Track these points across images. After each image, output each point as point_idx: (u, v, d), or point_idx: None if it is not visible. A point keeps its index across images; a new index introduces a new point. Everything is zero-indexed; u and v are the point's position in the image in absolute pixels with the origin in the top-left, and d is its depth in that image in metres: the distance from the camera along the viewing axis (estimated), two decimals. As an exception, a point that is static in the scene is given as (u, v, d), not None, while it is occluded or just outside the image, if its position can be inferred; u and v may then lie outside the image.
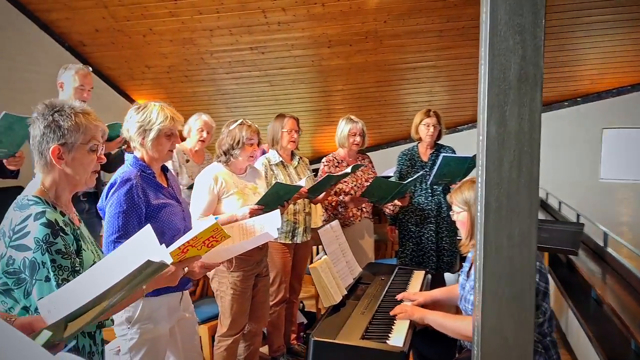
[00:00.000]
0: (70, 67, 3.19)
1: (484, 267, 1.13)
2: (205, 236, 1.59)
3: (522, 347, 1.18)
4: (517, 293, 1.17)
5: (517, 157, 1.13)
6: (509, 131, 1.12)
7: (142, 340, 2.01)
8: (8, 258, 1.40)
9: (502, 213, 1.14)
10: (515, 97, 1.11)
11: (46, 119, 1.48)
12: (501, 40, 1.09)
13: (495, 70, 1.11)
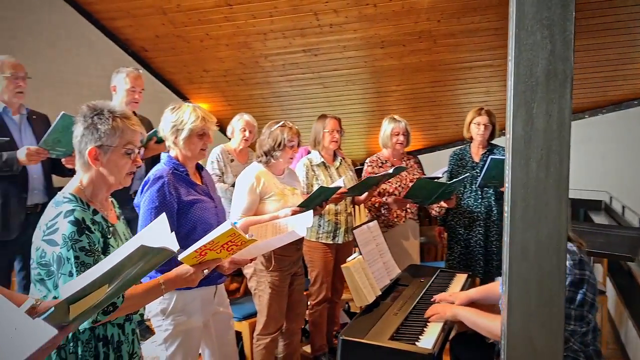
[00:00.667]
0: (121, 70, 3.35)
1: (510, 270, 1.10)
2: (222, 240, 1.63)
3: (551, 356, 1.14)
4: (546, 299, 1.13)
5: (544, 156, 1.09)
6: (536, 129, 1.09)
7: (176, 332, 2.10)
8: (41, 251, 1.50)
9: (528, 214, 1.11)
10: (543, 94, 1.07)
11: (86, 120, 1.58)
12: (528, 35, 1.06)
13: (521, 66, 1.07)
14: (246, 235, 1.68)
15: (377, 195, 3.61)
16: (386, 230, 3.63)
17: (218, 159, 3.82)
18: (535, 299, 1.12)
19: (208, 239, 1.62)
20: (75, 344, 1.52)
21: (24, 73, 2.85)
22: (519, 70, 1.07)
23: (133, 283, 1.28)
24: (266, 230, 2.39)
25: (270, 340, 2.90)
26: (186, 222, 2.06)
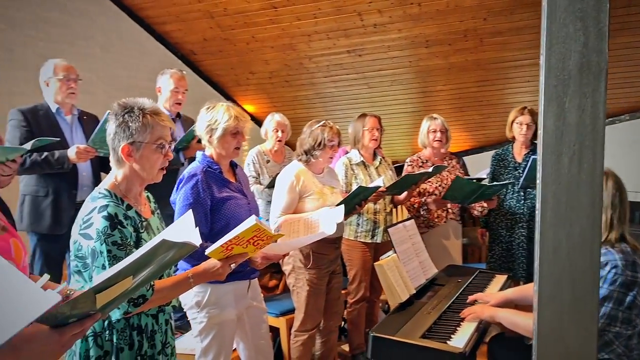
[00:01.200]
0: (166, 71, 3.46)
1: (541, 268, 1.08)
2: (247, 236, 1.66)
3: (585, 357, 1.11)
4: (579, 299, 1.10)
5: (577, 151, 1.07)
6: (568, 124, 1.07)
7: (210, 324, 2.15)
8: (78, 244, 1.58)
9: (560, 210, 1.08)
10: (576, 87, 1.05)
11: (118, 118, 1.63)
12: (560, 27, 1.04)
13: (553, 59, 1.05)
14: (272, 230, 1.71)
15: (417, 195, 3.58)
16: (427, 231, 3.60)
17: (254, 161, 3.88)
18: (567, 299, 1.09)
19: (233, 234, 1.65)
20: (110, 332, 1.59)
21: (75, 75, 3.00)
22: (550, 63, 1.05)
23: (158, 275, 1.32)
24: (298, 226, 2.42)
25: (308, 337, 2.93)
26: (220, 218, 2.11)
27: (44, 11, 5.29)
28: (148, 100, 1.68)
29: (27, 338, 1.05)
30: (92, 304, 1.07)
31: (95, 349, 1.58)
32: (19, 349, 1.04)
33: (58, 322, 1.06)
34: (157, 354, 1.70)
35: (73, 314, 1.07)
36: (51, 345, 1.05)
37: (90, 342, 1.58)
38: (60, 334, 1.06)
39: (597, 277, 1.12)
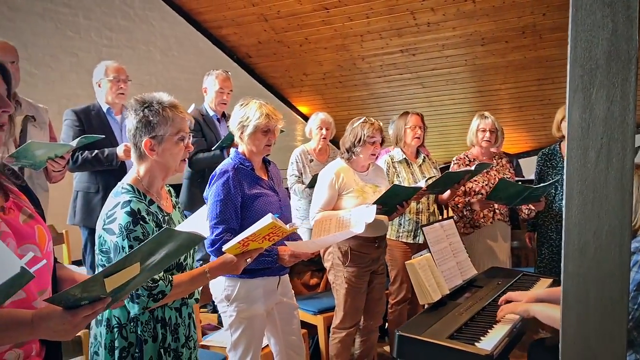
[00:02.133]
0: (211, 73, 3.56)
1: (566, 269, 1.03)
2: (264, 233, 1.69)
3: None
4: (606, 301, 1.05)
5: (605, 145, 1.01)
6: (595, 116, 1.01)
7: (239, 318, 2.19)
8: (102, 239, 1.61)
9: (586, 208, 1.03)
10: (604, 77, 1.00)
11: (138, 114, 1.64)
12: (586, 14, 0.99)
13: (579, 48, 1.00)
14: (286, 225, 1.72)
15: (462, 194, 3.48)
16: (472, 231, 3.49)
17: (297, 160, 3.91)
18: (593, 301, 1.03)
19: (251, 231, 1.68)
20: (135, 324, 1.63)
21: (125, 76, 3.14)
22: (576, 53, 0.99)
23: (168, 264, 1.35)
24: (330, 225, 2.41)
25: (346, 334, 2.92)
26: (250, 214, 2.14)
27: (108, 18, 5.58)
28: (165, 94, 1.70)
29: (43, 316, 1.11)
30: (101, 287, 1.12)
31: (120, 340, 1.62)
32: (35, 326, 1.10)
33: (70, 304, 1.12)
34: (181, 347, 1.73)
35: (84, 296, 1.12)
36: (64, 324, 1.11)
37: (116, 333, 1.62)
38: (72, 315, 1.11)
39: (626, 278, 1.05)
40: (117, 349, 1.62)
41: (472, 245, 3.54)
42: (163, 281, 1.59)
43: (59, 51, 5.15)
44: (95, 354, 1.67)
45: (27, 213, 1.28)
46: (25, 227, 1.23)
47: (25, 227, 1.23)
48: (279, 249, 2.13)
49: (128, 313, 1.63)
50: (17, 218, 1.23)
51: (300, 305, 3.17)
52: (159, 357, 1.65)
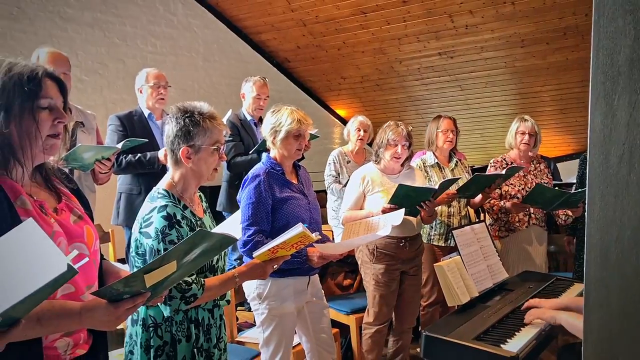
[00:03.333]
0: (249, 79, 3.68)
1: (588, 273, 1.05)
2: (293, 241, 1.77)
3: None
4: (629, 306, 1.06)
5: (627, 150, 1.03)
6: (617, 122, 1.02)
7: (270, 316, 2.28)
8: (137, 242, 1.70)
9: (608, 213, 1.05)
10: (626, 84, 1.02)
11: (178, 122, 1.72)
12: (608, 22, 1.01)
13: (601, 55, 1.03)
14: (313, 234, 1.79)
15: (498, 197, 3.48)
16: (507, 235, 3.48)
17: (335, 161, 3.99)
18: (615, 306, 1.03)
19: (281, 239, 1.75)
20: (170, 324, 1.71)
21: (165, 82, 3.28)
22: (598, 59, 1.02)
23: (202, 264, 1.44)
24: (359, 227, 2.47)
25: (376, 331, 2.96)
26: (280, 217, 2.23)
27: (153, 26, 5.81)
28: (205, 104, 1.78)
29: (89, 308, 1.22)
30: (141, 283, 1.22)
31: (155, 339, 1.69)
32: (83, 316, 1.21)
33: (114, 298, 1.22)
34: (213, 347, 1.81)
35: (126, 291, 1.22)
36: (108, 316, 1.22)
37: (151, 332, 1.70)
38: (115, 307, 1.21)
39: None
40: (153, 348, 1.69)
41: (507, 249, 3.53)
42: (196, 285, 1.66)
43: (107, 58, 5.40)
44: (130, 352, 1.75)
45: (77, 214, 1.39)
46: (75, 227, 1.34)
47: (75, 227, 1.34)
48: (308, 250, 2.21)
49: (163, 312, 1.70)
50: (68, 219, 1.33)
51: (334, 305, 3.25)
52: (192, 357, 1.72)
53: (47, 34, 4.87)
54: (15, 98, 1.20)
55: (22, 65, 1.24)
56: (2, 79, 1.20)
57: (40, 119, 1.23)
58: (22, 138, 1.22)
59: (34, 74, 1.23)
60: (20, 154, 1.22)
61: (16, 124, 1.21)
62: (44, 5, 4.85)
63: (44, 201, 1.30)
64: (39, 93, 1.23)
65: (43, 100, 1.24)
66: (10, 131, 1.20)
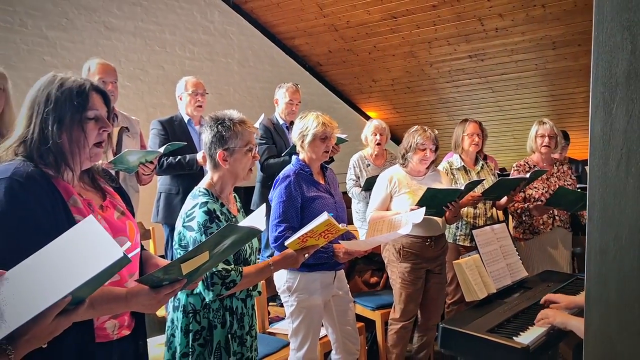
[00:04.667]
0: (282, 85, 3.86)
1: (588, 270, 1.14)
2: (320, 229, 1.92)
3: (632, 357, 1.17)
4: (627, 300, 1.15)
5: (625, 155, 1.12)
6: (615, 129, 1.12)
7: (299, 308, 2.44)
8: (181, 235, 1.89)
9: (607, 213, 1.15)
10: (623, 94, 1.12)
11: (212, 129, 1.91)
12: (607, 37, 1.12)
13: (600, 67, 1.14)
14: (340, 225, 1.95)
15: (522, 200, 3.56)
16: (531, 237, 3.56)
17: (355, 165, 4.12)
18: (614, 301, 1.12)
19: (308, 228, 1.92)
20: (207, 311, 1.89)
21: (202, 90, 3.49)
22: (597, 71, 1.13)
23: (231, 253, 1.61)
24: (382, 225, 2.61)
25: (401, 327, 3.10)
26: (309, 214, 2.39)
27: (191, 33, 6.07)
28: (235, 111, 1.97)
29: (134, 293, 1.40)
30: (179, 271, 1.40)
31: (194, 324, 1.86)
32: (128, 300, 1.39)
33: (155, 284, 1.40)
34: (245, 334, 1.98)
35: (165, 278, 1.40)
36: (150, 300, 1.39)
37: (190, 318, 1.89)
38: (156, 293, 1.39)
39: None
40: (192, 332, 1.87)
41: (531, 251, 3.60)
42: (234, 272, 1.84)
43: (148, 65, 5.68)
44: (172, 335, 1.93)
45: (120, 210, 1.57)
46: (118, 222, 1.52)
47: (118, 223, 1.52)
48: (334, 246, 2.37)
49: (202, 300, 1.88)
50: (112, 215, 1.51)
51: (360, 301, 3.40)
52: (227, 342, 1.90)
53: (93, 42, 5.18)
54: (66, 111, 1.36)
55: (72, 81, 1.40)
56: (55, 93, 1.37)
57: (88, 129, 1.40)
58: (72, 146, 1.38)
59: (82, 89, 1.40)
60: (70, 160, 1.39)
61: (67, 134, 1.37)
62: (91, 16, 5.15)
63: (91, 200, 1.47)
64: (87, 105, 1.39)
65: (90, 112, 1.40)
66: (62, 140, 1.37)
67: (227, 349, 1.89)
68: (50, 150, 1.36)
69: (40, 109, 1.36)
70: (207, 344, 1.88)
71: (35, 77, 3.53)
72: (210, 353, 1.86)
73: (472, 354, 2.15)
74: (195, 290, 1.87)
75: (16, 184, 1.27)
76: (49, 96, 1.36)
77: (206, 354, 1.86)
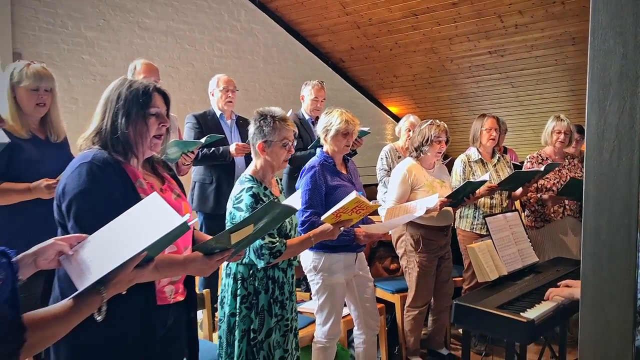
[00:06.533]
0: (308, 83, 4.08)
1: (584, 248, 1.30)
2: (350, 206, 2.19)
3: (623, 325, 1.34)
4: (617, 274, 1.33)
5: (616, 147, 1.30)
6: (609, 123, 1.30)
7: (324, 286, 2.67)
8: (232, 214, 2.19)
9: (601, 198, 1.33)
10: (616, 92, 1.29)
11: (256, 123, 2.22)
12: (602, 42, 1.29)
13: (595, 68, 1.31)
14: (370, 202, 2.22)
15: (534, 190, 3.73)
16: (543, 225, 3.73)
17: (386, 156, 4.32)
18: (606, 275, 1.29)
19: (340, 205, 2.20)
20: (253, 279, 2.19)
21: (233, 87, 3.73)
22: (593, 72, 1.30)
23: (272, 228, 1.88)
24: (398, 210, 2.83)
25: (418, 312, 3.31)
26: (332, 201, 2.60)
27: (219, 32, 6.33)
28: (278, 109, 2.26)
29: (190, 259, 1.63)
30: (228, 241, 1.63)
31: (242, 289, 2.18)
32: (186, 265, 1.63)
33: (208, 252, 1.63)
34: (285, 299, 2.27)
35: (217, 246, 1.63)
36: (203, 265, 1.63)
37: (239, 284, 2.19)
38: (209, 259, 1.63)
39: (632, 257, 1.31)
40: (239, 296, 2.18)
41: (543, 238, 3.77)
42: (279, 243, 2.15)
43: (178, 63, 5.96)
44: (224, 297, 2.25)
45: (177, 193, 1.82)
46: (175, 202, 1.77)
47: (175, 203, 1.77)
48: (355, 230, 2.60)
49: (249, 269, 2.19)
50: (170, 196, 1.76)
51: (380, 285, 3.61)
52: (269, 306, 2.20)
53: (128, 42, 5.47)
54: (133, 107, 1.63)
55: (139, 83, 1.67)
56: (125, 92, 1.63)
57: (150, 123, 1.66)
58: (137, 137, 1.64)
59: (147, 89, 1.66)
60: (135, 149, 1.65)
61: (133, 126, 1.63)
62: (126, 17, 5.44)
63: (152, 183, 1.73)
64: (150, 103, 1.65)
65: (152, 109, 1.66)
66: (129, 131, 1.63)
67: (269, 311, 2.19)
68: (119, 139, 1.62)
69: (112, 105, 1.62)
70: (253, 307, 2.18)
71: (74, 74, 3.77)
72: (256, 315, 2.17)
73: (483, 327, 2.36)
74: (243, 260, 2.17)
75: (95, 167, 1.54)
76: (120, 95, 1.62)
77: (252, 315, 2.17)
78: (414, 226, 3.26)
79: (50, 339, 1.12)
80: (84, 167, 1.54)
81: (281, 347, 2.22)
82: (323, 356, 2.70)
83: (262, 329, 2.17)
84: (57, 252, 1.31)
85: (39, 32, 4.83)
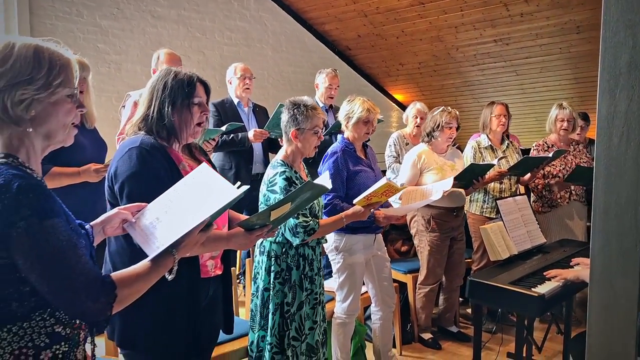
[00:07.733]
0: (322, 71, 4.20)
1: (594, 226, 1.29)
2: (381, 190, 2.37)
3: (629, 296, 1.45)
4: (624, 251, 1.40)
5: (625, 133, 1.40)
6: (618, 111, 1.39)
7: (344, 265, 2.82)
8: (267, 197, 2.32)
9: (610, 179, 1.44)
10: (625, 82, 1.38)
11: (290, 111, 2.37)
12: (613, 34, 1.39)
13: (606, 59, 1.41)
14: (397, 184, 2.41)
15: (541, 176, 3.87)
16: (549, 210, 3.88)
17: (395, 143, 4.45)
18: (615, 251, 1.38)
19: (372, 189, 2.37)
20: (286, 256, 2.35)
21: (250, 74, 3.85)
22: (604, 63, 1.40)
23: (306, 205, 2.03)
24: (415, 194, 2.97)
25: (430, 290, 3.47)
26: (353, 186, 2.76)
27: (229, 20, 6.42)
28: (309, 97, 2.42)
29: (232, 234, 1.77)
30: (267, 217, 1.77)
31: (275, 265, 2.34)
32: (228, 239, 1.76)
33: (248, 227, 1.77)
34: (315, 275, 2.44)
35: (257, 222, 1.77)
36: (244, 240, 1.76)
37: (272, 260, 2.35)
38: (250, 234, 1.77)
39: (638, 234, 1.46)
40: (273, 272, 2.34)
41: (549, 222, 3.92)
42: (312, 222, 2.30)
43: (189, 51, 6.05)
44: (257, 274, 2.41)
45: None
46: None
47: None
48: (375, 212, 2.73)
49: (282, 247, 2.35)
50: None
51: (393, 266, 3.75)
52: (300, 280, 2.37)
53: (141, 30, 5.56)
54: (178, 96, 1.76)
55: (184, 74, 1.80)
56: (171, 82, 1.76)
57: (193, 112, 1.79)
58: (181, 124, 1.77)
59: (191, 80, 1.79)
60: (179, 135, 1.78)
61: (178, 114, 1.76)
62: (139, 6, 5.53)
63: (193, 166, 1.86)
64: (193, 93, 1.78)
65: (195, 98, 1.79)
66: (174, 119, 1.75)
67: (300, 286, 2.36)
68: (165, 126, 1.74)
69: (158, 94, 1.75)
70: (286, 282, 2.34)
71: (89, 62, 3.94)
72: (289, 289, 2.33)
73: (496, 302, 2.50)
74: (276, 239, 2.32)
75: (144, 151, 1.67)
76: (166, 84, 1.75)
77: (286, 290, 2.33)
78: (425, 207, 3.40)
79: (135, 294, 1.26)
80: (134, 151, 1.67)
81: (310, 318, 2.38)
82: (342, 331, 2.86)
83: (294, 302, 2.34)
84: (121, 220, 1.45)
85: (56, 20, 4.93)
